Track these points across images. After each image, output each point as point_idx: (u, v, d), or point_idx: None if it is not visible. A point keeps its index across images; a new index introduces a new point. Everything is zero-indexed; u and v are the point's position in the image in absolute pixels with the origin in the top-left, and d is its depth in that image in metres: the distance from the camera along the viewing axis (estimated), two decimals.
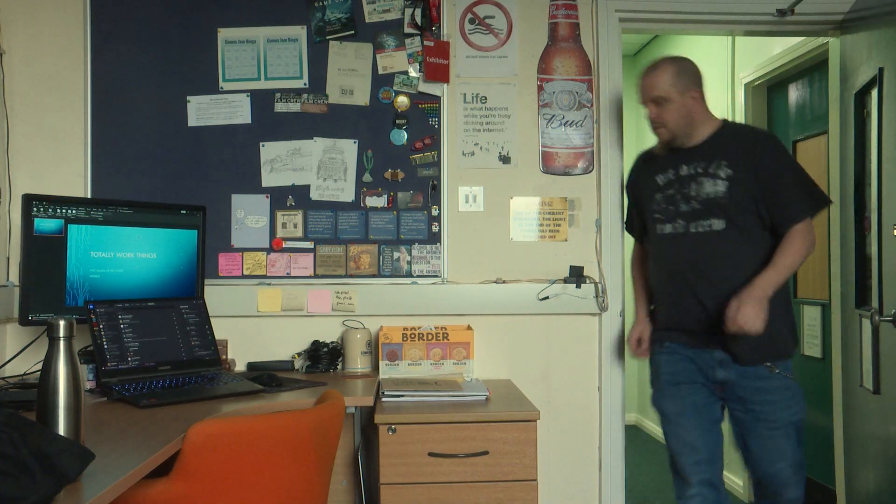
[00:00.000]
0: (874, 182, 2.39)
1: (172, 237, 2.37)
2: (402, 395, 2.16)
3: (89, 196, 2.56)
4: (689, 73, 2.26)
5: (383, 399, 2.14)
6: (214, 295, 2.53)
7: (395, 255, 2.64)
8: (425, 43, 2.64)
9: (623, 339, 2.71)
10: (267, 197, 2.62)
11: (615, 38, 2.71)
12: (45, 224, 2.11)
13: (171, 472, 1.53)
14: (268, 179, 2.63)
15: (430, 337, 2.49)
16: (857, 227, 2.58)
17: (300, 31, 2.65)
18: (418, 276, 2.65)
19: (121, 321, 2.11)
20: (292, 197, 2.63)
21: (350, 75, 2.65)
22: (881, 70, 2.29)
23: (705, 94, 2.29)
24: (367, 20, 2.66)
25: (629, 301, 2.65)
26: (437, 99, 2.66)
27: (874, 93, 2.37)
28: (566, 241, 2.69)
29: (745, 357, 2.16)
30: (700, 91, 2.27)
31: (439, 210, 2.66)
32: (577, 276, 2.65)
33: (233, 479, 1.58)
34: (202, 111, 2.62)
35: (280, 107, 2.64)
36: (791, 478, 2.17)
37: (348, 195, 2.64)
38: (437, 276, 2.65)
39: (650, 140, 2.44)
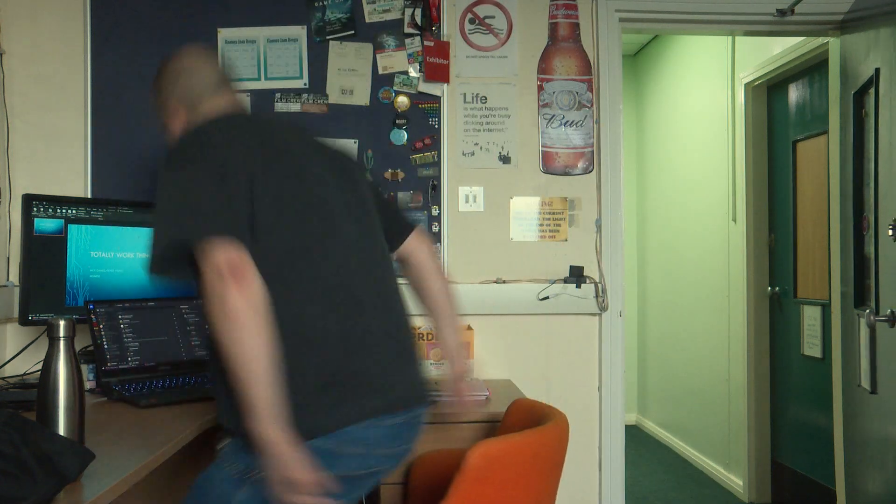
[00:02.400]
0: (872, 182, 2.39)
1: None
2: None
3: (89, 196, 2.56)
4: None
5: None
6: None
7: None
8: (425, 43, 2.64)
9: (623, 339, 2.71)
10: None
11: (615, 38, 2.71)
12: (45, 224, 2.11)
13: (446, 498, 1.45)
14: None
15: (430, 337, 2.49)
16: (855, 227, 2.59)
17: (300, 31, 2.65)
18: None
19: (121, 321, 2.11)
20: None
21: (350, 75, 2.65)
22: (877, 70, 2.30)
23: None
24: (367, 20, 2.66)
25: (629, 301, 2.65)
26: (437, 99, 2.67)
27: (872, 93, 2.38)
28: (566, 241, 2.69)
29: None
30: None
31: (439, 210, 2.66)
32: (577, 276, 2.65)
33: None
34: None
35: (280, 107, 2.64)
36: None
37: None
38: None
39: (650, 140, 2.44)
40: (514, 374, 2.66)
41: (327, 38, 2.65)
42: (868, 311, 2.27)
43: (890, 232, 2.14)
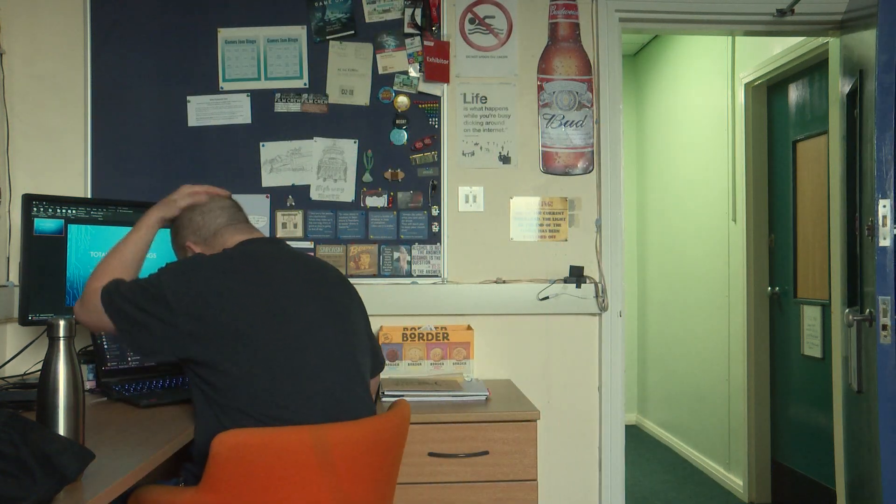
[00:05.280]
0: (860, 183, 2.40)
1: None
2: (402, 396, 2.16)
3: (89, 196, 2.56)
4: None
5: (383, 399, 2.14)
6: None
7: (395, 255, 2.64)
8: (425, 43, 2.64)
9: (623, 339, 2.72)
10: (267, 197, 2.62)
11: (615, 38, 2.71)
12: (45, 224, 2.11)
13: (201, 483, 1.46)
14: (268, 179, 2.63)
15: (430, 337, 2.49)
16: (849, 227, 2.59)
17: (300, 31, 2.65)
18: (418, 276, 2.65)
19: None
20: (292, 197, 2.63)
21: (350, 75, 2.65)
22: (861, 72, 2.30)
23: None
24: (367, 20, 2.66)
25: (629, 301, 2.65)
26: (437, 99, 2.67)
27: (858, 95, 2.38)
28: (566, 241, 2.69)
29: None
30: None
31: (439, 210, 2.66)
32: (577, 276, 2.65)
33: (266, 494, 1.46)
34: (202, 111, 2.62)
35: (280, 107, 2.64)
36: None
37: (348, 195, 2.64)
38: (437, 276, 2.65)
39: (650, 140, 2.44)
40: (514, 374, 2.66)
41: (327, 38, 2.65)
42: (847, 310, 2.28)
43: (867, 232, 2.15)
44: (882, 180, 2.06)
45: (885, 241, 2.03)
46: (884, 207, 2.05)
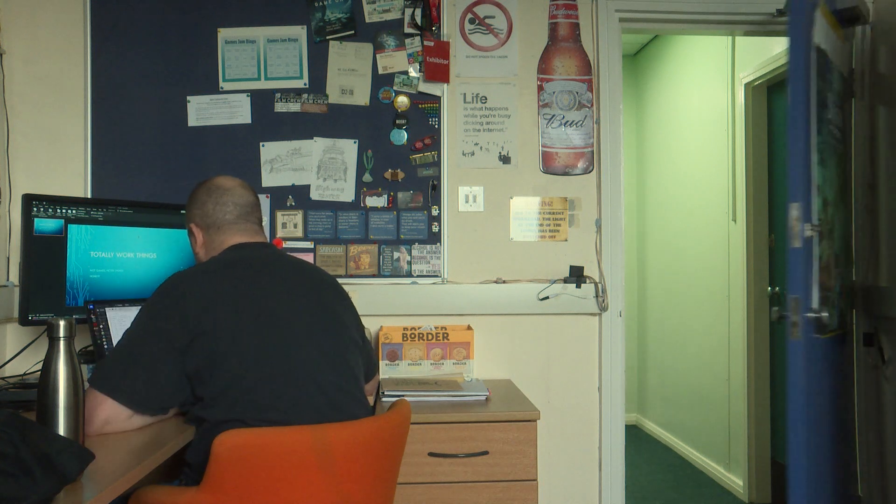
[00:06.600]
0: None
1: (172, 237, 2.37)
2: (402, 396, 2.16)
3: (89, 196, 2.56)
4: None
5: (383, 399, 2.15)
6: None
7: (395, 255, 2.64)
8: (425, 43, 2.64)
9: (623, 339, 2.72)
10: (267, 197, 2.62)
11: (615, 38, 2.71)
12: (45, 224, 2.11)
13: (201, 483, 1.46)
14: (268, 179, 2.63)
15: (430, 337, 2.49)
16: None
17: (300, 31, 2.65)
18: (418, 276, 2.65)
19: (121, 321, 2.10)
20: (292, 197, 2.63)
21: (350, 75, 2.65)
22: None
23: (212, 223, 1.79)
24: (367, 20, 2.66)
25: (629, 301, 2.64)
26: (437, 99, 2.67)
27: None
28: (566, 241, 2.69)
29: None
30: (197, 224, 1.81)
31: (439, 210, 2.66)
32: (577, 276, 2.65)
33: (266, 494, 1.46)
34: (202, 111, 2.62)
35: (280, 107, 2.64)
36: None
37: (348, 195, 2.64)
38: (437, 276, 2.65)
39: (650, 140, 2.44)
40: (514, 374, 2.66)
41: (327, 38, 2.65)
42: (775, 308, 2.31)
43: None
44: (793, 185, 2.10)
45: (796, 243, 2.08)
46: (794, 211, 2.09)
